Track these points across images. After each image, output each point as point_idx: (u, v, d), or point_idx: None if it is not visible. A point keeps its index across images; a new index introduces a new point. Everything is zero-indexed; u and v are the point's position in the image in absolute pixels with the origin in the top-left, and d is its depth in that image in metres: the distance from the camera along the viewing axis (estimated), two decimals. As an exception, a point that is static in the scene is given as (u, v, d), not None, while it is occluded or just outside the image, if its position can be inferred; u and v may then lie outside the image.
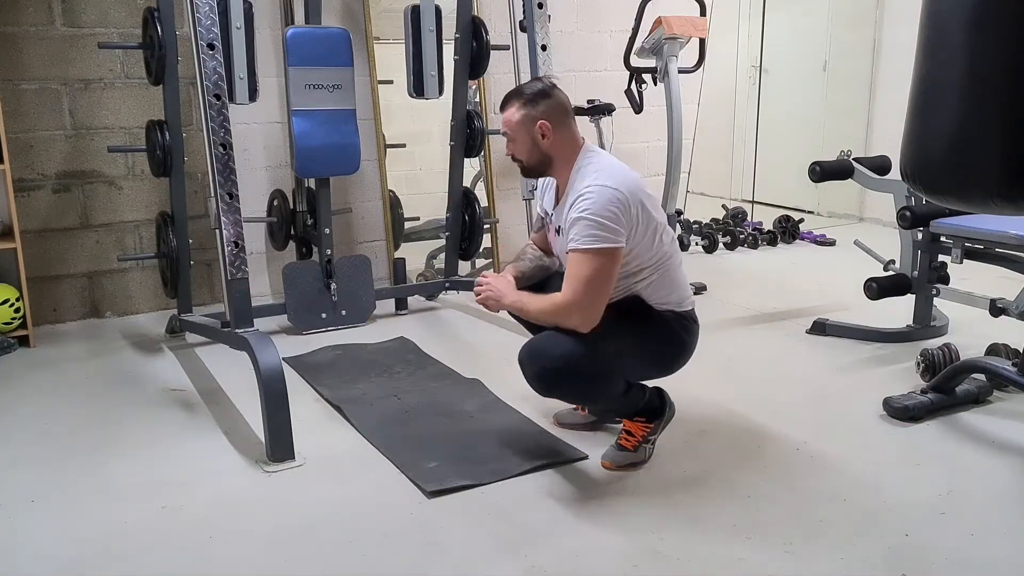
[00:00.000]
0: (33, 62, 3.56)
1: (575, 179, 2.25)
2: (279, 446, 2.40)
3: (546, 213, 2.46)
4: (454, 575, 1.89)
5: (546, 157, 2.30)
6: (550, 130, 2.25)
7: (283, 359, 2.96)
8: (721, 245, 5.23)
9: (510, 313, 2.43)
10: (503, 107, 2.32)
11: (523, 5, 3.42)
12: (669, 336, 2.32)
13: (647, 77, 4.31)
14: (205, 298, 3.98)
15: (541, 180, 2.47)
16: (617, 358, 2.23)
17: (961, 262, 3.08)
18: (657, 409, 2.40)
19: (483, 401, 2.82)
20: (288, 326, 3.65)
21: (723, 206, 5.98)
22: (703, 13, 4.25)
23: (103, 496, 2.24)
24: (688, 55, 4.24)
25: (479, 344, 3.49)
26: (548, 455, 2.41)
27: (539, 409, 2.69)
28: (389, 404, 2.80)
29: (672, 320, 2.32)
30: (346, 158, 3.56)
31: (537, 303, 2.24)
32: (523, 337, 2.30)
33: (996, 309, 3.02)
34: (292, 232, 3.79)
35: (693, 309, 2.38)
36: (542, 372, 2.17)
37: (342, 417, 2.72)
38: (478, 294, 2.38)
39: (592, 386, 2.23)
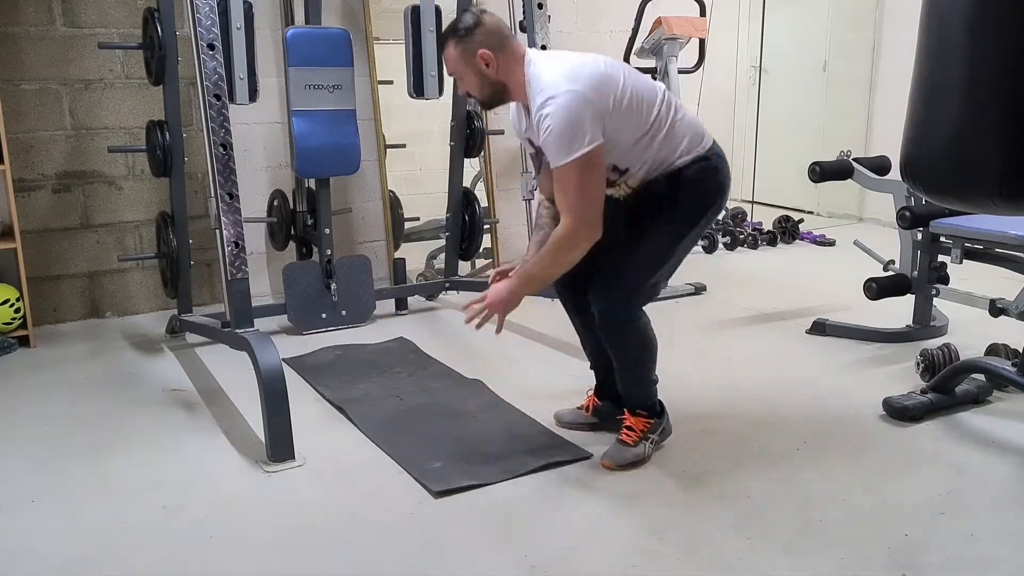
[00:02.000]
0: (33, 62, 3.57)
1: (530, 94, 2.17)
2: (279, 446, 2.40)
3: (529, 142, 2.34)
4: (454, 575, 1.89)
5: (499, 84, 2.23)
6: (492, 58, 2.18)
7: (283, 360, 2.95)
8: (721, 245, 5.23)
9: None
10: (441, 48, 2.25)
11: (523, 5, 3.43)
12: (703, 190, 2.32)
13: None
14: (205, 298, 3.99)
15: (513, 116, 2.37)
16: (676, 244, 2.32)
17: (961, 262, 3.08)
18: (659, 410, 2.42)
19: (485, 401, 2.82)
20: (288, 326, 3.65)
21: (723, 206, 5.98)
22: (703, 13, 4.26)
23: (103, 496, 2.24)
24: (688, 55, 4.24)
25: (479, 344, 3.48)
26: (552, 455, 2.40)
27: (542, 409, 2.69)
28: (391, 404, 2.80)
29: (698, 172, 2.29)
30: (346, 158, 3.56)
31: (542, 261, 2.21)
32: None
33: (996, 309, 3.02)
34: (292, 232, 3.79)
35: (714, 142, 2.34)
36: (613, 302, 2.25)
37: (343, 417, 2.72)
38: (479, 318, 2.25)
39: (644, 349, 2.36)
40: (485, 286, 2.37)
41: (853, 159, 3.55)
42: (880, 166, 3.55)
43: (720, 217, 5.77)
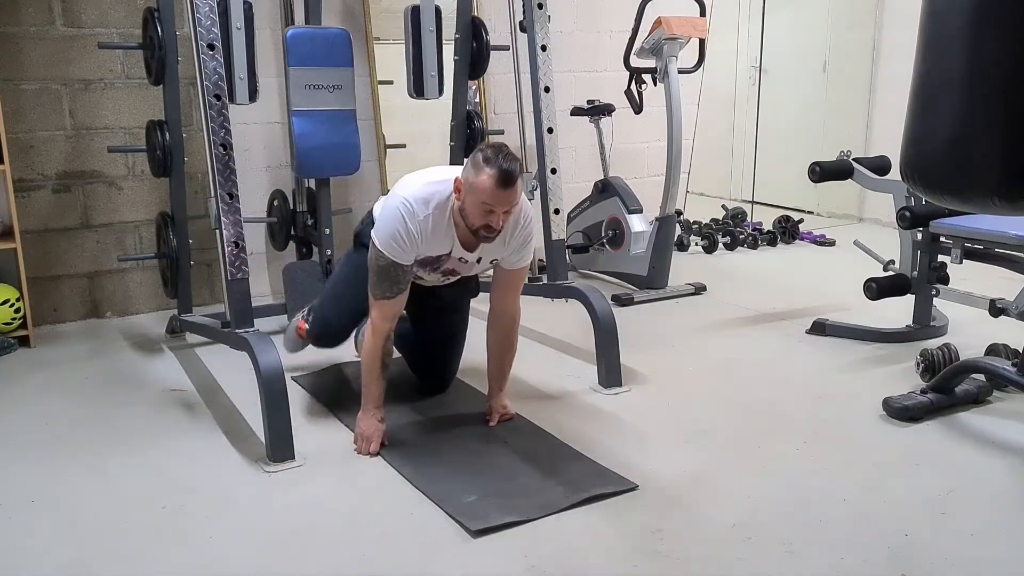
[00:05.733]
0: (33, 62, 3.56)
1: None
2: (279, 446, 2.40)
3: (446, 254, 2.47)
4: (454, 575, 1.89)
5: None
6: None
7: (293, 378, 2.94)
8: (721, 245, 5.22)
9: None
10: (514, 181, 2.26)
11: (523, 5, 3.42)
12: None
13: (647, 77, 4.31)
14: (205, 298, 3.98)
15: (420, 238, 2.38)
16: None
17: (961, 262, 3.08)
18: None
19: (514, 424, 2.66)
20: (288, 326, 3.64)
21: (723, 206, 5.98)
22: (703, 13, 4.26)
23: (103, 496, 2.24)
24: (688, 55, 4.24)
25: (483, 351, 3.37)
26: (595, 486, 2.23)
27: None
28: (415, 432, 2.62)
29: None
30: (346, 158, 3.56)
31: (513, 356, 2.67)
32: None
33: (996, 309, 3.02)
34: (292, 232, 3.79)
35: None
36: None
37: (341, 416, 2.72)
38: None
39: None
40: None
41: (853, 159, 3.55)
42: (880, 166, 3.55)
43: (720, 217, 5.79)
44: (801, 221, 5.64)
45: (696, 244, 5.29)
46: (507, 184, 2.24)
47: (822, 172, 3.49)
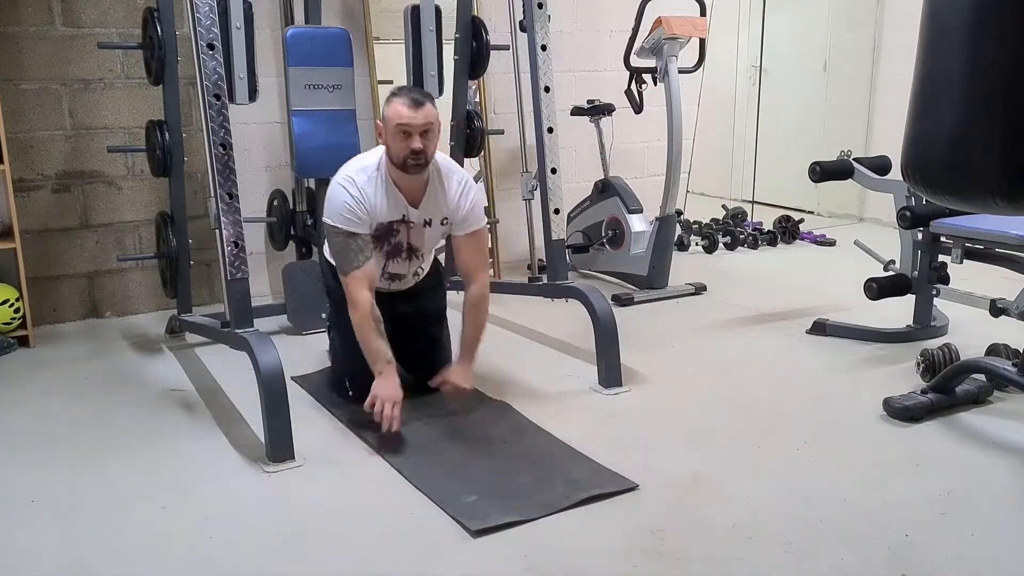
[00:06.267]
0: (33, 62, 3.56)
1: (441, 174, 2.62)
2: (279, 446, 2.40)
3: (400, 219, 2.63)
4: (454, 575, 1.89)
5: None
6: None
7: (292, 378, 2.92)
8: (721, 245, 5.22)
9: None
10: (422, 104, 2.47)
11: (523, 5, 3.42)
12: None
13: (647, 77, 4.31)
14: (205, 298, 3.98)
15: (366, 203, 2.55)
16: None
17: (961, 262, 3.08)
18: None
19: (515, 424, 2.65)
20: (288, 326, 3.64)
21: (723, 206, 5.98)
22: (703, 13, 4.26)
23: (103, 496, 2.24)
24: (688, 55, 4.24)
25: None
26: (595, 486, 2.22)
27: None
28: (415, 430, 2.59)
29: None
30: (346, 158, 3.51)
31: (479, 327, 2.70)
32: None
33: (996, 309, 3.02)
34: (292, 232, 3.79)
35: None
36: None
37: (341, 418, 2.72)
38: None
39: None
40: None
41: (853, 159, 3.55)
42: (880, 166, 3.55)
43: (721, 217, 5.79)
44: (801, 221, 5.64)
45: (696, 244, 5.29)
46: (415, 104, 2.46)
47: (822, 172, 3.49)
